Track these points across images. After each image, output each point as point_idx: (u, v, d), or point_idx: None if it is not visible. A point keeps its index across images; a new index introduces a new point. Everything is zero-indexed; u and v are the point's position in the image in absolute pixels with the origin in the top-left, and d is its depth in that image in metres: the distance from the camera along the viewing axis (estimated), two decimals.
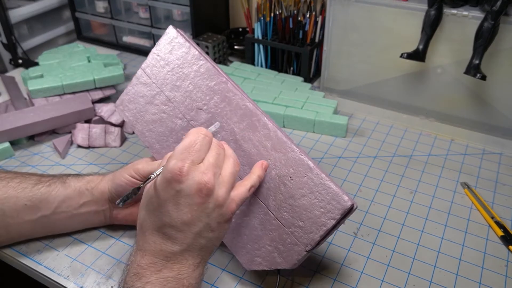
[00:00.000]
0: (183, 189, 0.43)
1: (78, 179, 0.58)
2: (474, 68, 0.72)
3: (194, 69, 0.61)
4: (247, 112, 0.56)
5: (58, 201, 0.56)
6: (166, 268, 0.44)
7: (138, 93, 0.65)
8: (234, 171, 0.48)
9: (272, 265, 0.53)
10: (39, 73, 0.93)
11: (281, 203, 0.52)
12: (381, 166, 0.76)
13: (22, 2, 1.12)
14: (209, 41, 1.04)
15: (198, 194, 0.43)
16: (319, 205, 0.50)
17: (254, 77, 0.96)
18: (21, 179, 0.57)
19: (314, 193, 0.50)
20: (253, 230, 0.54)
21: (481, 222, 0.65)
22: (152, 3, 1.09)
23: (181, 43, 0.63)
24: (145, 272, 0.43)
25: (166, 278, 0.43)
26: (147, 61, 0.65)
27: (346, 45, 0.88)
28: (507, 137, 0.80)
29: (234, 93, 0.58)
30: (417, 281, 0.56)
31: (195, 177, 0.43)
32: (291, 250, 0.52)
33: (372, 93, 0.90)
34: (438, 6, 0.74)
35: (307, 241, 0.51)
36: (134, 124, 0.65)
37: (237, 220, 0.56)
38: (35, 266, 0.58)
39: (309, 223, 0.50)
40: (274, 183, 0.53)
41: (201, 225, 0.44)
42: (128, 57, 1.16)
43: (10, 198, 0.55)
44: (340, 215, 0.49)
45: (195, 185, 0.43)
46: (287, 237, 0.52)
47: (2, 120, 0.78)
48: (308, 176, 0.51)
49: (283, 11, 0.96)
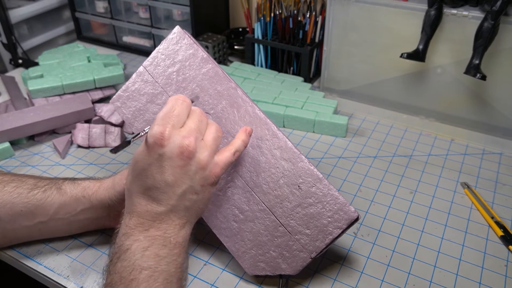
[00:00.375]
0: (165, 152, 0.45)
1: (74, 186, 0.57)
2: (474, 68, 0.72)
3: (202, 72, 0.60)
4: (256, 120, 0.56)
5: (54, 208, 0.55)
6: (153, 228, 0.46)
7: (138, 90, 0.64)
8: (217, 136, 0.50)
9: (276, 271, 0.55)
10: (39, 73, 0.93)
11: (289, 211, 0.54)
12: (381, 166, 0.76)
13: (22, 2, 1.12)
14: (209, 41, 1.04)
15: (179, 157, 0.45)
16: (326, 215, 0.52)
17: (254, 77, 0.96)
18: (17, 183, 0.56)
19: (322, 202, 0.53)
20: (258, 236, 0.55)
21: (481, 222, 0.65)
22: (152, 3, 1.09)
23: (189, 44, 0.62)
24: (133, 231, 0.46)
25: (154, 236, 0.46)
26: (150, 59, 0.63)
27: (346, 45, 0.88)
28: (507, 137, 0.80)
29: (244, 100, 0.57)
30: (417, 281, 0.56)
31: (176, 141, 0.45)
32: (296, 256, 0.53)
33: (372, 93, 0.90)
34: (438, 6, 0.74)
35: (313, 249, 0.53)
36: (132, 122, 0.64)
37: (240, 225, 0.56)
38: (35, 266, 0.58)
39: (316, 231, 0.52)
40: (282, 191, 0.54)
41: (184, 187, 0.47)
42: (128, 57, 1.16)
43: (6, 204, 0.54)
44: (347, 225, 0.52)
45: (177, 149, 0.45)
46: (293, 244, 0.53)
47: (2, 120, 0.78)
48: (317, 187, 0.53)
49: (283, 11, 0.96)
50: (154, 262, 0.45)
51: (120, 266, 0.44)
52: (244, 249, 0.56)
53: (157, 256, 0.45)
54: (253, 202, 0.55)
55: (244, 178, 0.56)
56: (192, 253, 0.60)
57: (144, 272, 0.44)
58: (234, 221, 0.56)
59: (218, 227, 0.58)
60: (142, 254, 0.44)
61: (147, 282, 0.44)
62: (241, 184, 0.56)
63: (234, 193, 0.56)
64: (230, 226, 0.57)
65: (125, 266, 0.44)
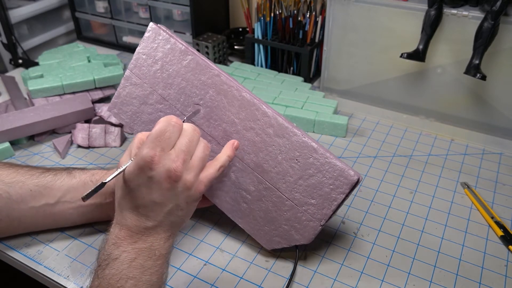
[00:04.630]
0: (154, 175, 0.47)
1: (83, 171, 0.60)
2: (474, 68, 0.72)
3: (183, 65, 0.61)
4: (244, 103, 0.58)
5: (63, 190, 0.57)
6: (141, 240, 0.49)
7: (130, 94, 0.64)
8: (204, 155, 0.51)
9: (291, 242, 0.57)
10: (39, 73, 0.93)
11: (292, 185, 0.56)
12: (381, 166, 0.76)
13: (22, 2, 1.12)
14: (209, 41, 1.04)
15: (167, 181, 0.47)
16: (327, 183, 0.54)
17: (254, 77, 0.96)
18: (29, 168, 0.59)
19: (321, 172, 0.54)
20: (268, 213, 0.58)
21: (481, 222, 0.65)
22: (152, 3, 1.09)
23: (165, 39, 0.62)
24: (123, 242, 0.48)
25: (141, 249, 0.48)
26: (133, 61, 0.64)
27: (346, 45, 0.88)
28: (507, 137, 0.80)
29: (228, 85, 0.58)
30: (417, 281, 0.56)
31: (165, 165, 0.47)
32: (307, 226, 0.56)
33: (372, 93, 0.90)
34: (438, 6, 0.74)
35: (321, 217, 0.55)
36: (132, 126, 0.65)
37: (250, 206, 0.59)
38: (35, 266, 0.58)
39: (321, 200, 0.55)
40: (282, 167, 0.56)
41: (170, 205, 0.49)
42: (128, 57, 1.16)
43: (17, 182, 0.56)
44: (349, 189, 0.53)
45: (165, 173, 0.47)
46: (302, 215, 0.56)
47: (2, 120, 0.78)
48: (314, 157, 0.55)
49: (283, 11, 0.96)
50: (139, 273, 0.47)
51: (108, 273, 0.47)
52: (258, 227, 0.59)
53: (142, 267, 0.48)
54: (257, 182, 0.58)
55: (245, 161, 0.58)
56: (192, 253, 0.60)
57: (129, 282, 0.47)
58: (244, 203, 0.59)
59: (230, 211, 0.60)
60: (129, 265, 0.47)
61: None
62: (242, 167, 0.58)
63: (238, 177, 0.59)
64: (241, 208, 0.59)
65: (113, 273, 0.47)
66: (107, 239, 0.50)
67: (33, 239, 0.61)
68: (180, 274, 0.57)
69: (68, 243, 0.61)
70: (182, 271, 0.58)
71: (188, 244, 0.62)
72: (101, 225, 0.63)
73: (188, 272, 0.58)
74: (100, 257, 0.49)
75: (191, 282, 0.56)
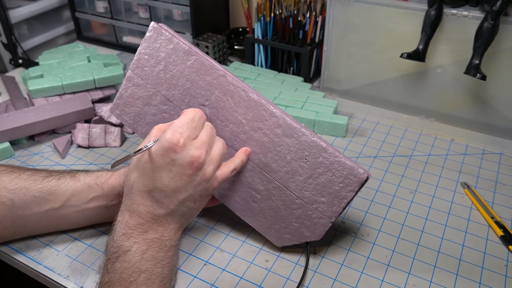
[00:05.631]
0: (177, 158, 0.47)
1: (87, 174, 0.59)
2: (474, 68, 0.72)
3: (188, 65, 0.60)
4: (251, 103, 0.57)
5: (67, 194, 0.57)
6: (152, 230, 0.48)
7: (133, 95, 0.63)
8: (222, 152, 0.53)
9: (301, 239, 0.58)
10: (39, 73, 0.93)
11: (301, 184, 0.56)
12: (381, 166, 0.76)
13: (22, 2, 1.12)
14: (209, 41, 1.04)
15: (189, 166, 0.48)
16: (337, 181, 0.55)
17: (254, 77, 0.96)
18: (32, 172, 0.58)
19: (331, 170, 0.55)
20: (278, 211, 0.58)
21: (481, 222, 0.65)
22: (152, 3, 1.09)
23: (167, 39, 0.60)
24: (133, 232, 0.48)
25: (152, 239, 0.48)
26: (135, 62, 0.62)
27: (346, 45, 0.88)
28: (507, 137, 0.80)
29: (235, 85, 0.58)
30: (417, 281, 0.56)
31: (190, 151, 0.48)
32: (317, 223, 0.57)
33: (372, 93, 0.90)
34: (438, 6, 0.74)
35: (331, 214, 0.56)
36: (136, 127, 0.64)
37: (259, 204, 0.59)
38: (35, 266, 0.58)
39: (331, 198, 0.55)
40: (291, 166, 0.56)
41: (186, 194, 0.49)
42: (128, 57, 1.16)
43: (21, 188, 0.55)
44: (358, 187, 0.54)
45: (189, 158, 0.48)
46: (312, 213, 0.57)
47: (2, 120, 0.78)
48: (323, 156, 0.55)
49: (283, 11, 0.96)
50: (151, 265, 0.47)
51: (120, 267, 0.46)
52: (268, 225, 0.60)
53: (154, 259, 0.47)
54: (266, 182, 0.58)
55: (253, 160, 0.58)
56: (192, 253, 0.60)
57: (142, 275, 0.46)
58: (253, 202, 0.59)
59: (240, 210, 0.61)
60: (141, 257, 0.46)
61: (145, 285, 0.46)
62: (251, 167, 0.58)
63: (247, 177, 0.59)
64: (251, 207, 0.60)
65: (125, 267, 0.46)
66: (115, 229, 0.49)
67: (33, 240, 0.61)
68: (180, 274, 0.57)
69: (68, 243, 0.61)
70: (182, 271, 0.58)
71: (188, 244, 0.62)
72: (101, 225, 0.63)
73: (188, 272, 0.58)
74: (109, 249, 0.48)
75: (191, 282, 0.56)
